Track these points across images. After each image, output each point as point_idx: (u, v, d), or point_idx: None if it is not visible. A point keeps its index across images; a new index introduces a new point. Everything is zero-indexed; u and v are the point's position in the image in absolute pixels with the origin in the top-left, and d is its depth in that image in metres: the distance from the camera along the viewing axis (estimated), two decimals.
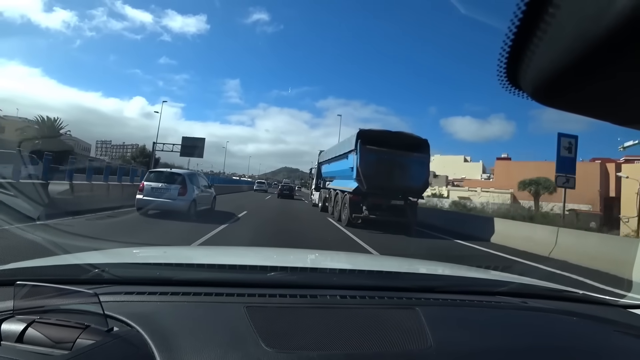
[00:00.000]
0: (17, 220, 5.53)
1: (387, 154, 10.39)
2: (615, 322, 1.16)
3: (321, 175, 16.79)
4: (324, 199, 15.40)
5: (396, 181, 10.39)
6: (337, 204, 12.55)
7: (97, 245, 2.49)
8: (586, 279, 5.73)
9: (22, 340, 0.75)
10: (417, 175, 10.75)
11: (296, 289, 1.14)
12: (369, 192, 10.29)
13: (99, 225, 7.38)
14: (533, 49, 0.37)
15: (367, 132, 10.78)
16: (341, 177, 12.48)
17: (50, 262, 1.35)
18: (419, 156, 10.83)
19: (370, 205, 10.45)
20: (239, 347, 0.81)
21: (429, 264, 2.26)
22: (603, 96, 0.39)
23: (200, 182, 10.83)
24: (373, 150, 10.35)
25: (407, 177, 10.54)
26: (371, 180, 10.13)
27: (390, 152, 10.41)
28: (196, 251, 2.18)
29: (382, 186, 10.28)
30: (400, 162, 10.55)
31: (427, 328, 0.94)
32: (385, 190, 10.43)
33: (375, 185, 10.17)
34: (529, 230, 9.52)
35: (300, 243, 7.32)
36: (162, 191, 9.26)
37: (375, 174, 10.16)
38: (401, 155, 10.57)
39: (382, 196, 10.49)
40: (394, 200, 10.66)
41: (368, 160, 10.26)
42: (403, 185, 10.55)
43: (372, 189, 10.19)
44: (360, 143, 10.35)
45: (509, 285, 1.41)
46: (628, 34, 0.30)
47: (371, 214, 10.42)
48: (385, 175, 10.26)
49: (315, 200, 18.35)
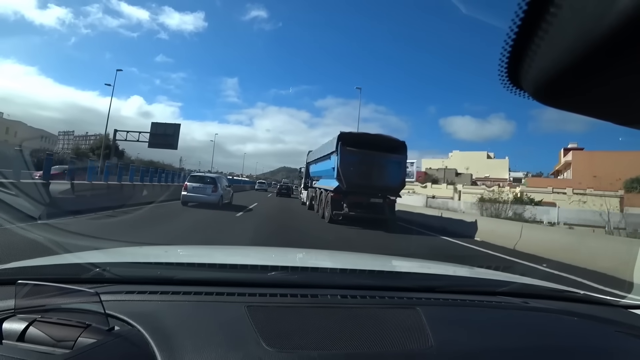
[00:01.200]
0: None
1: (366, 155, 11.02)
2: (617, 323, 1.16)
3: (309, 175, 17.31)
4: (311, 197, 16.05)
5: (375, 180, 11.02)
6: (321, 202, 13.17)
7: (98, 245, 2.49)
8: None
9: (23, 339, 0.76)
10: (395, 175, 11.44)
11: (297, 289, 1.15)
12: (349, 191, 10.86)
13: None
14: (534, 48, 0.37)
15: (347, 134, 11.51)
16: (325, 177, 12.99)
17: (51, 261, 1.35)
18: (396, 157, 11.46)
19: (350, 203, 11.02)
20: (240, 347, 0.81)
21: (430, 263, 2.26)
22: (605, 96, 0.39)
23: (224, 183, 14.36)
24: (352, 152, 10.96)
25: (385, 177, 11.17)
26: (351, 180, 10.72)
27: (369, 153, 11.05)
28: (197, 250, 2.18)
29: (362, 185, 10.85)
30: (379, 162, 11.19)
31: (428, 328, 0.94)
32: (365, 189, 11.00)
33: (355, 184, 10.73)
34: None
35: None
36: (200, 189, 12.63)
37: (354, 174, 10.78)
38: (379, 156, 11.19)
39: (361, 194, 11.07)
40: (373, 198, 11.28)
41: (348, 161, 10.89)
42: (381, 184, 11.19)
43: (351, 187, 10.75)
44: (340, 145, 10.99)
45: (510, 286, 1.41)
46: (630, 33, 0.30)
47: (351, 211, 11.01)
48: (365, 175, 10.87)
49: (304, 199, 18.87)
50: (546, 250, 8.09)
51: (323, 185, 13.28)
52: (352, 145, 11.05)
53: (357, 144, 11.12)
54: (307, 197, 17.27)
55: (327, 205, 11.86)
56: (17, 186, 7.05)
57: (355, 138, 11.49)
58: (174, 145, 29.29)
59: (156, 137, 28.78)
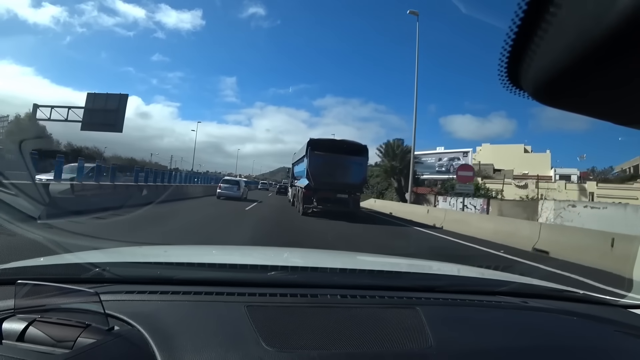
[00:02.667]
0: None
1: (332, 158, 12.99)
2: (616, 322, 1.16)
3: (293, 175, 19.36)
4: (293, 195, 18.03)
5: (339, 179, 12.97)
6: (298, 198, 14.94)
7: (98, 245, 2.49)
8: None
9: (23, 339, 0.75)
10: (357, 174, 13.39)
11: (297, 288, 1.15)
12: (318, 188, 12.83)
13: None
14: (534, 48, 0.37)
15: (316, 140, 13.67)
16: (301, 177, 14.69)
17: (51, 261, 1.35)
18: (358, 159, 13.48)
19: (319, 198, 12.94)
20: (240, 347, 0.81)
21: (429, 263, 2.26)
22: (604, 96, 0.39)
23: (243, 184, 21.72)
24: (320, 155, 13.01)
25: (348, 176, 13.12)
26: (318, 179, 12.75)
27: (334, 156, 13.03)
28: (197, 250, 2.18)
29: (328, 183, 12.81)
30: (343, 164, 13.11)
31: (427, 328, 0.94)
32: (331, 186, 12.93)
33: (322, 183, 12.74)
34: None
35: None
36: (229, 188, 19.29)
37: (322, 174, 12.77)
38: (343, 159, 13.16)
39: (328, 191, 12.97)
40: (339, 194, 13.20)
41: (316, 163, 12.95)
42: (345, 182, 13.08)
43: (319, 185, 12.77)
44: (310, 149, 13.13)
45: (509, 285, 1.41)
46: (629, 33, 0.30)
47: (320, 204, 12.95)
48: (331, 174, 12.84)
49: (290, 197, 21.10)
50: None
51: (299, 184, 15.04)
52: (320, 149, 13.13)
53: (324, 148, 13.18)
54: (291, 195, 19.32)
55: (300, 201, 13.62)
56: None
57: (323, 143, 13.53)
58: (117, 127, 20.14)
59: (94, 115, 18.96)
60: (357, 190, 13.84)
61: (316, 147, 13.21)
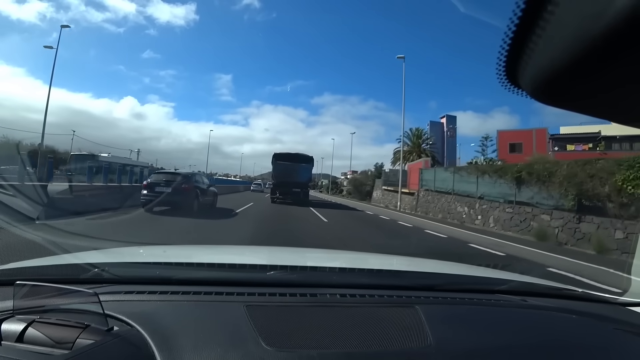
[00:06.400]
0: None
1: (287, 165, 19.91)
2: (615, 320, 1.16)
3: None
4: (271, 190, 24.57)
5: (293, 179, 19.52)
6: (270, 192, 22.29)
7: (97, 245, 2.48)
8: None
9: (22, 340, 0.75)
10: (305, 176, 20.67)
11: (296, 288, 1.15)
12: (278, 185, 19.90)
13: None
14: (532, 47, 0.37)
15: (278, 154, 20.85)
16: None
17: (49, 261, 1.35)
18: (306, 165, 20.93)
19: (280, 192, 19.80)
20: (239, 346, 0.81)
21: (428, 262, 2.26)
22: (602, 95, 0.39)
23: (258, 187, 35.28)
24: (280, 164, 20.17)
25: (299, 177, 19.92)
26: (279, 179, 20.00)
27: (290, 164, 19.95)
28: (196, 250, 2.18)
29: (286, 182, 19.50)
30: (295, 169, 19.71)
31: (427, 326, 0.94)
32: (287, 184, 19.47)
33: (282, 182, 19.72)
34: None
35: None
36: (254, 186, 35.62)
37: (281, 175, 19.86)
38: (296, 165, 19.93)
39: (286, 187, 19.55)
40: (294, 189, 19.55)
41: (277, 169, 20.19)
42: (297, 181, 19.72)
43: (280, 183, 19.83)
44: (274, 159, 20.45)
45: (508, 284, 1.41)
46: (627, 32, 0.30)
47: (281, 195, 19.72)
48: (287, 176, 19.55)
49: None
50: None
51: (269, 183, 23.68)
52: (280, 159, 20.30)
53: (283, 158, 20.39)
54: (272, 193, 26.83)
55: (270, 193, 21.45)
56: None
57: (283, 155, 20.82)
58: None
59: None
60: (305, 186, 20.76)
61: (278, 158, 20.41)
